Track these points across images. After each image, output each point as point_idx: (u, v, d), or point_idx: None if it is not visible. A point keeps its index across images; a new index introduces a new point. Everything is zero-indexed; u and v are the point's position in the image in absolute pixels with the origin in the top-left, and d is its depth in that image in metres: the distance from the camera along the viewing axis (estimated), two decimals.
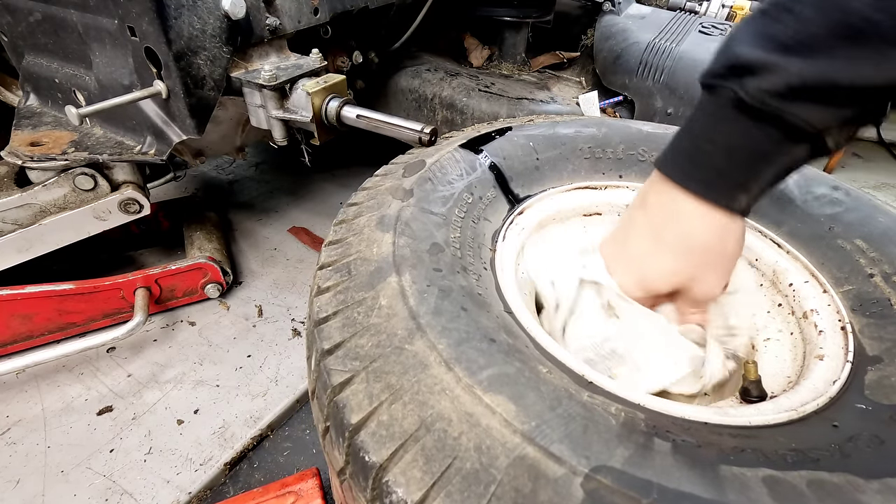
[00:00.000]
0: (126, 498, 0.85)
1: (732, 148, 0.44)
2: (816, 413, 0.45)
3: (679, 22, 1.36)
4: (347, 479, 0.41)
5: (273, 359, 1.12)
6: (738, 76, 0.41)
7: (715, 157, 0.45)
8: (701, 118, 0.46)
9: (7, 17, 0.99)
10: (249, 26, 0.86)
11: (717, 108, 0.44)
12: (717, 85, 0.44)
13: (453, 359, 0.41)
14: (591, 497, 0.33)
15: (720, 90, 0.43)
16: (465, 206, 0.62)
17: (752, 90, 0.40)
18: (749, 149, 0.43)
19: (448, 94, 1.33)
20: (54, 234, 0.98)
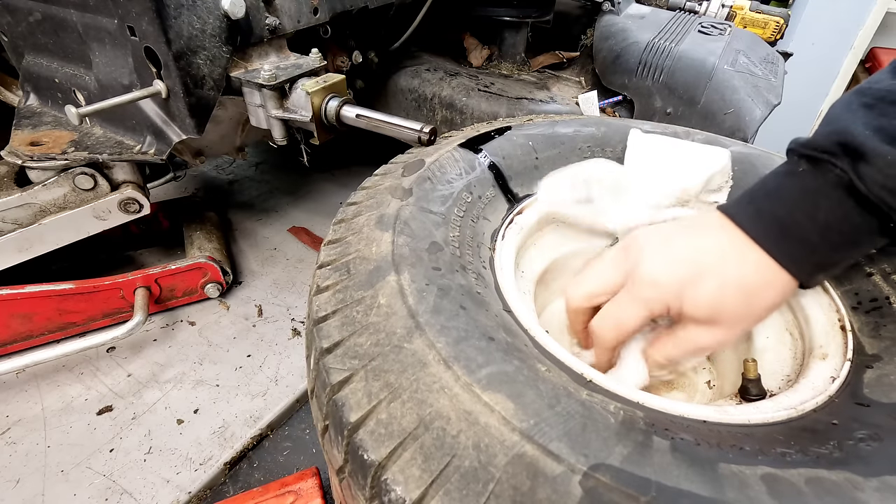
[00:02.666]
0: (126, 497, 0.85)
1: (830, 228, 0.43)
2: (816, 411, 0.45)
3: (678, 22, 1.36)
4: (346, 478, 0.41)
5: (273, 358, 1.12)
6: (852, 158, 0.41)
7: (809, 232, 0.44)
8: (797, 188, 0.45)
9: (7, 17, 0.99)
10: (249, 26, 0.86)
11: (822, 184, 0.43)
12: (824, 160, 0.42)
13: (452, 357, 0.41)
14: (590, 495, 0.33)
15: (828, 167, 0.42)
16: (464, 205, 0.62)
17: (868, 179, 0.40)
18: (844, 232, 0.43)
19: (447, 93, 1.33)
20: (54, 234, 0.98)
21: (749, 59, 1.23)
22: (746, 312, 0.47)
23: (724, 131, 1.10)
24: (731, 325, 0.48)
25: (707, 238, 0.49)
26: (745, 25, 1.58)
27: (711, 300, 0.47)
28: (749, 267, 0.46)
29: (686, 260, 0.48)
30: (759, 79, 1.18)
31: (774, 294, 0.47)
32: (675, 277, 0.48)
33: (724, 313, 0.47)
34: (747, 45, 1.29)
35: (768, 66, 1.25)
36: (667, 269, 0.49)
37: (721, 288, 0.47)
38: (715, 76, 1.13)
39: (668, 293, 0.48)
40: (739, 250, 0.47)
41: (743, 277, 0.46)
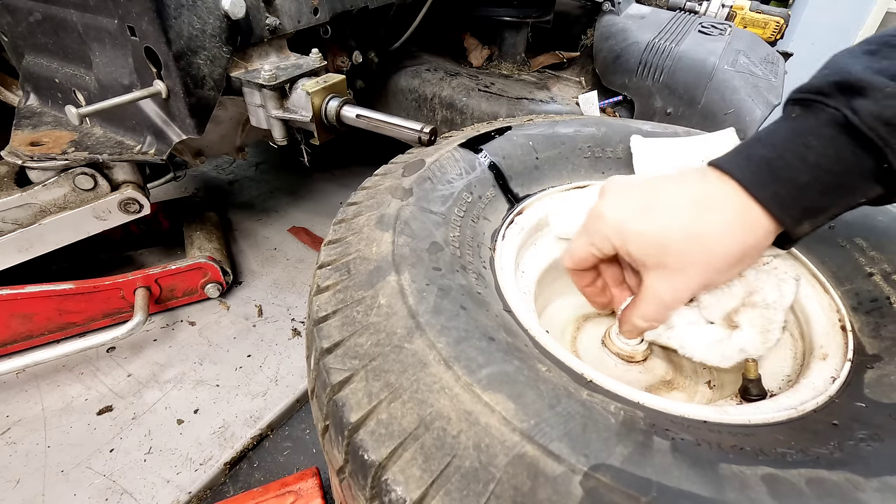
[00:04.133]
0: (126, 497, 0.85)
1: (821, 168, 0.40)
2: (816, 411, 0.45)
3: (679, 22, 1.36)
4: (347, 478, 0.41)
5: (273, 358, 1.12)
6: (848, 96, 0.39)
7: (799, 172, 0.41)
8: (787, 131, 0.42)
9: (7, 17, 0.99)
10: (249, 26, 0.86)
11: (812, 124, 0.41)
12: (818, 101, 0.40)
13: (452, 357, 0.41)
14: (591, 495, 0.33)
15: (820, 107, 0.40)
16: (464, 205, 0.62)
17: (863, 112, 0.38)
18: (836, 173, 0.40)
19: (448, 93, 1.33)
20: (54, 234, 0.98)
21: (749, 59, 1.23)
22: (703, 258, 0.44)
23: None
24: (685, 269, 0.45)
25: (675, 181, 0.46)
26: (746, 25, 1.58)
27: (654, 234, 0.45)
28: (710, 204, 0.43)
29: (637, 196, 0.47)
30: (759, 79, 1.18)
31: (742, 238, 0.43)
32: (620, 210, 0.47)
33: (673, 256, 0.45)
34: (747, 46, 1.29)
35: (768, 66, 1.25)
36: (615, 203, 0.48)
37: (665, 226, 0.44)
38: (715, 76, 1.13)
39: (609, 228, 0.47)
40: (704, 187, 0.44)
41: (696, 216, 0.43)
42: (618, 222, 0.47)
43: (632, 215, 0.46)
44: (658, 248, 0.45)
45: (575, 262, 0.53)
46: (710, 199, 0.44)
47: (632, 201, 0.47)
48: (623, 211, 0.47)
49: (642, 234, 0.46)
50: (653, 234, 0.45)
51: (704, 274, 0.45)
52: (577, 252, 0.52)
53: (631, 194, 0.48)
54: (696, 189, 0.45)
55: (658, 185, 0.47)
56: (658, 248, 0.45)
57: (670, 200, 0.45)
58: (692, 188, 0.45)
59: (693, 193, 0.45)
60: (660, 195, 0.46)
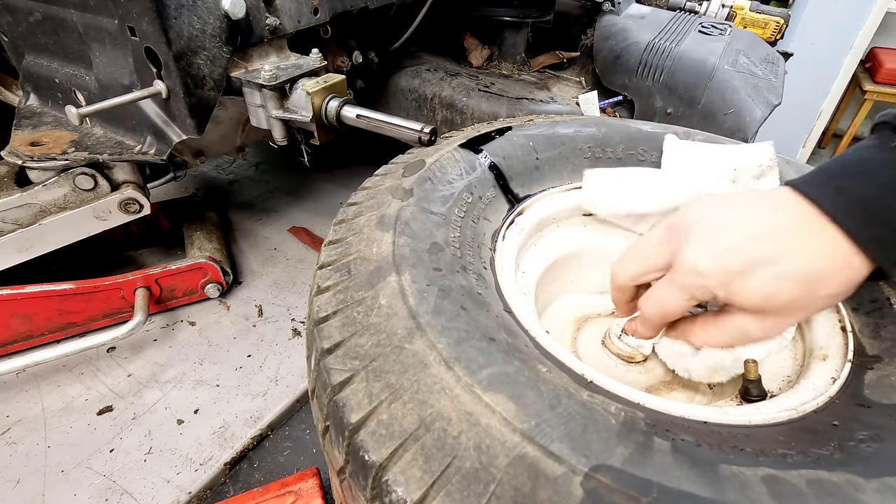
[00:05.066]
0: (126, 498, 0.85)
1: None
2: (816, 412, 0.45)
3: (679, 22, 1.36)
4: (347, 479, 0.41)
5: (273, 359, 1.12)
6: None
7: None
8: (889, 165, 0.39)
9: (7, 17, 0.99)
10: (249, 26, 0.86)
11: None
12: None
13: (453, 358, 0.41)
14: (591, 496, 0.33)
15: None
16: (464, 205, 0.62)
17: None
18: None
19: (448, 93, 1.33)
20: (54, 234, 0.98)
21: (749, 60, 1.23)
22: (806, 302, 0.42)
23: (725, 131, 1.10)
24: (786, 316, 0.43)
25: (765, 218, 0.43)
26: (746, 25, 1.58)
27: (764, 292, 0.42)
28: (816, 249, 0.40)
29: (735, 248, 0.43)
30: (759, 79, 1.18)
31: (845, 280, 0.41)
32: (721, 268, 0.43)
33: (779, 304, 0.42)
34: (747, 46, 1.29)
35: (768, 66, 1.25)
36: (712, 258, 0.43)
37: (777, 279, 0.42)
38: (715, 76, 1.13)
39: (713, 283, 0.43)
40: (807, 229, 0.41)
41: (806, 264, 0.41)
42: (724, 280, 0.43)
43: (740, 272, 0.42)
44: (770, 300, 0.43)
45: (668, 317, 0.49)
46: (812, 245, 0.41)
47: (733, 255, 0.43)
48: (727, 267, 0.43)
49: (755, 292, 0.43)
50: (766, 292, 0.42)
51: (804, 316, 0.44)
52: (674, 306, 0.47)
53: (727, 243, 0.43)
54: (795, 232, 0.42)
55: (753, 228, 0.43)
56: (770, 300, 0.43)
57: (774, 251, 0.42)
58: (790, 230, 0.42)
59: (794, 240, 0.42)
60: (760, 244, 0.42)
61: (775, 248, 0.42)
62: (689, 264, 0.44)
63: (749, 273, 0.42)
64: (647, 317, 0.50)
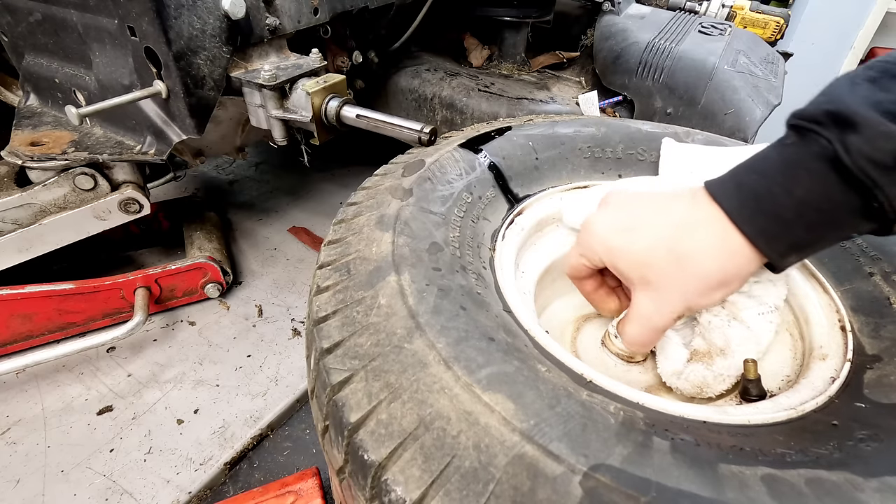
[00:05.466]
0: (126, 498, 0.85)
1: (807, 204, 0.39)
2: (816, 412, 0.45)
3: (679, 22, 1.36)
4: (346, 478, 0.41)
5: (273, 359, 1.12)
6: (840, 129, 0.37)
7: (785, 207, 0.40)
8: (779, 160, 0.41)
9: (7, 17, 0.99)
10: (249, 26, 0.86)
11: (804, 156, 0.39)
12: (812, 130, 0.39)
13: (452, 357, 0.41)
14: (590, 495, 0.33)
15: (814, 137, 0.39)
16: (464, 205, 0.62)
17: (854, 150, 0.36)
18: (823, 210, 0.39)
19: (448, 93, 1.33)
20: (54, 234, 0.98)
21: (749, 60, 1.23)
22: (682, 274, 0.44)
23: (725, 131, 1.10)
24: (667, 289, 0.45)
25: (666, 200, 0.47)
26: (746, 25, 1.58)
27: (637, 259, 0.46)
28: (701, 232, 0.43)
29: (629, 213, 0.48)
30: (759, 79, 1.18)
31: (725, 263, 0.43)
32: (609, 226, 0.48)
33: (654, 274, 0.45)
34: (747, 46, 1.29)
35: (768, 67, 1.25)
36: (606, 217, 0.49)
37: (651, 246, 0.45)
38: (715, 76, 1.13)
39: (599, 241, 0.48)
40: (699, 215, 0.44)
41: (684, 240, 0.44)
42: (605, 237, 0.48)
43: (619, 231, 0.47)
44: (642, 265, 0.46)
45: (569, 271, 0.55)
46: (694, 222, 0.44)
47: (622, 217, 0.48)
48: (612, 226, 0.48)
49: (627, 251, 0.47)
50: (636, 252, 0.46)
51: (684, 295, 0.45)
52: (571, 261, 0.53)
53: (623, 209, 0.49)
54: (684, 210, 0.45)
55: (650, 203, 0.48)
56: (642, 265, 0.46)
57: (658, 219, 0.46)
58: (680, 209, 0.46)
59: (680, 214, 0.45)
60: (649, 212, 0.47)
61: (661, 221, 0.46)
62: (586, 225, 0.50)
63: (625, 233, 0.47)
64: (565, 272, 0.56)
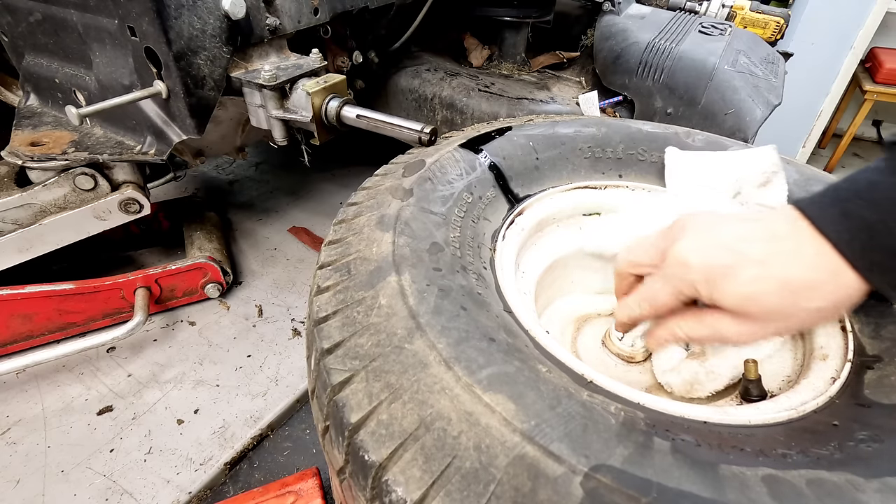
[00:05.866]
0: (126, 498, 0.85)
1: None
2: (816, 412, 0.45)
3: (679, 22, 1.36)
4: (347, 479, 0.41)
5: (273, 359, 1.12)
6: None
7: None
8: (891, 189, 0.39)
9: (7, 17, 0.99)
10: (249, 26, 0.86)
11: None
12: None
13: (453, 358, 0.41)
14: (591, 496, 0.33)
15: None
16: (464, 205, 0.62)
17: None
18: None
19: (448, 93, 1.33)
20: (54, 234, 0.98)
21: (749, 60, 1.23)
22: (789, 312, 0.43)
23: (725, 131, 1.10)
24: (766, 322, 0.44)
25: (760, 227, 0.44)
26: (746, 25, 1.58)
27: (746, 293, 0.43)
28: (810, 261, 0.41)
29: (724, 246, 0.44)
30: (759, 79, 1.18)
31: (835, 299, 0.41)
32: (707, 261, 0.44)
33: (760, 309, 0.43)
34: (747, 46, 1.29)
35: (768, 67, 1.25)
36: (700, 251, 0.45)
37: (761, 280, 0.42)
38: (715, 76, 1.13)
39: (697, 276, 0.45)
40: (804, 243, 0.41)
41: (791, 272, 0.41)
42: (709, 275, 0.44)
43: (724, 270, 0.44)
44: (748, 298, 0.43)
45: (656, 309, 0.51)
46: (802, 254, 0.41)
47: (721, 252, 0.44)
48: (713, 262, 0.44)
49: (733, 283, 0.43)
50: (743, 284, 0.43)
51: (784, 328, 0.44)
52: (660, 298, 0.49)
53: (718, 241, 0.45)
54: (788, 239, 0.42)
55: (747, 233, 0.44)
56: (748, 298, 0.43)
57: (763, 255, 0.43)
58: (782, 237, 0.43)
59: (785, 244, 0.42)
60: (751, 247, 0.43)
61: (766, 251, 0.42)
62: (678, 257, 0.46)
63: (734, 271, 0.43)
64: (633, 303, 0.52)
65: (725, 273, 0.43)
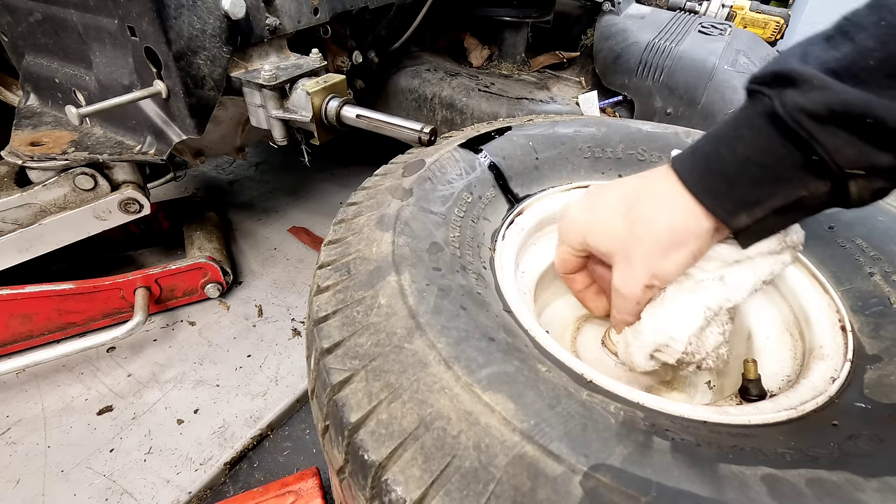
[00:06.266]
0: (126, 497, 0.85)
1: (749, 159, 0.40)
2: (816, 412, 0.45)
3: (679, 22, 1.36)
4: (347, 478, 0.41)
5: (273, 358, 1.12)
6: (781, 86, 0.38)
7: (729, 164, 0.41)
8: (729, 122, 0.43)
9: (7, 17, 0.99)
10: (249, 26, 0.86)
11: (749, 115, 0.41)
12: (757, 91, 0.40)
13: (452, 357, 0.41)
14: (590, 495, 0.33)
15: (758, 97, 0.40)
16: (464, 205, 0.62)
17: (789, 103, 0.37)
18: (765, 165, 0.40)
19: (448, 93, 1.33)
20: (54, 234, 0.98)
21: (749, 59, 1.23)
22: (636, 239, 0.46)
23: None
24: (629, 257, 0.47)
25: (632, 178, 0.50)
26: (746, 25, 1.58)
27: (603, 225, 0.49)
28: (650, 192, 0.46)
29: (597, 195, 0.50)
30: None
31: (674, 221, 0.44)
32: (585, 212, 0.51)
33: (617, 239, 0.48)
34: (747, 45, 1.29)
35: None
36: (582, 207, 0.51)
37: (612, 211, 0.48)
38: (715, 76, 1.13)
39: (574, 223, 0.51)
40: (652, 182, 0.46)
41: (636, 202, 0.46)
42: (576, 218, 0.51)
43: (587, 210, 0.51)
44: (607, 238, 0.49)
45: (557, 265, 0.57)
46: (650, 190, 0.46)
47: (591, 199, 0.51)
48: (582, 208, 0.51)
49: (594, 226, 0.50)
50: (601, 225, 0.49)
51: (644, 260, 0.47)
52: (559, 255, 0.56)
53: (594, 194, 0.51)
54: (643, 182, 0.48)
55: (619, 183, 0.50)
56: (607, 238, 0.49)
57: (620, 194, 0.49)
58: (640, 182, 0.48)
59: (638, 185, 0.48)
60: (615, 191, 0.49)
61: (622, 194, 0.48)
62: (566, 214, 0.53)
63: (595, 213, 0.50)
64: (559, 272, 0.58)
65: (592, 222, 0.50)
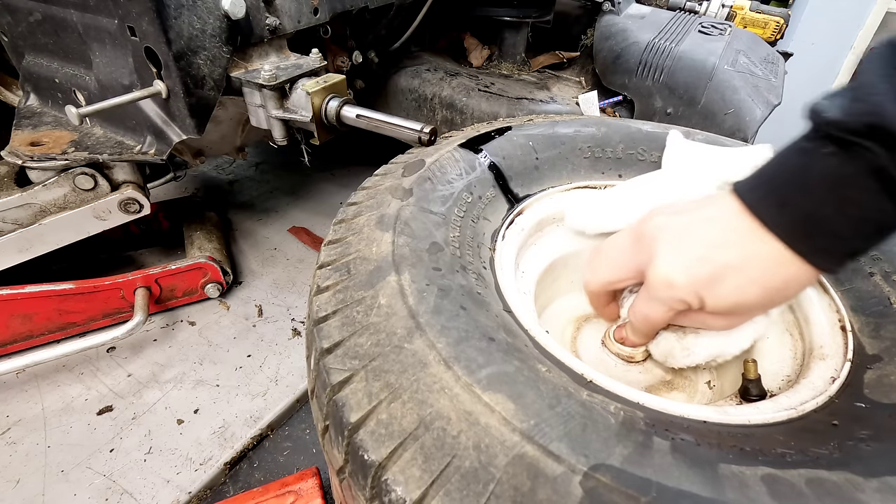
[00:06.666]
0: (126, 497, 0.85)
1: (864, 220, 0.39)
2: (816, 412, 0.45)
3: (679, 22, 1.36)
4: (347, 478, 0.41)
5: (273, 358, 1.12)
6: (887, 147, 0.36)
7: (841, 227, 0.40)
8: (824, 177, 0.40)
9: (7, 17, 0.99)
10: (249, 26, 0.86)
11: (854, 172, 0.38)
12: (854, 143, 0.38)
13: (452, 357, 0.41)
14: (590, 495, 0.33)
15: (857, 151, 0.38)
16: (464, 205, 0.62)
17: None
18: (880, 222, 0.39)
19: (448, 93, 1.33)
20: (54, 234, 0.98)
21: (749, 59, 1.23)
22: (768, 305, 0.47)
23: (725, 131, 1.10)
24: (747, 315, 0.49)
25: (724, 230, 0.46)
26: (746, 25, 1.58)
27: (733, 299, 0.46)
28: (772, 265, 0.44)
29: (702, 259, 0.46)
30: (759, 79, 1.18)
31: (798, 285, 0.45)
32: (692, 279, 0.46)
33: (745, 308, 0.47)
34: (747, 45, 1.29)
35: (768, 66, 1.25)
36: (682, 270, 0.47)
37: (742, 287, 0.45)
38: (715, 76, 1.13)
39: (687, 294, 0.47)
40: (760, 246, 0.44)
41: (766, 276, 0.44)
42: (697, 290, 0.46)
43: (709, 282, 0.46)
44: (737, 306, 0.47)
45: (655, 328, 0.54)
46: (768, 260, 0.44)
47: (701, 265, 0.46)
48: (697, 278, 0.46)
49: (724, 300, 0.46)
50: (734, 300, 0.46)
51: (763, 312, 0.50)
52: (656, 317, 0.51)
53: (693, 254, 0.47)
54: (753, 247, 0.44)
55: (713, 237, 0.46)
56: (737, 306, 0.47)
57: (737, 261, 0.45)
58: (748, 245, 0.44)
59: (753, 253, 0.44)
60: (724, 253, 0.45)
61: (738, 257, 0.45)
62: (663, 279, 0.48)
63: (719, 282, 0.46)
64: (637, 328, 0.55)
65: (710, 285, 0.46)
